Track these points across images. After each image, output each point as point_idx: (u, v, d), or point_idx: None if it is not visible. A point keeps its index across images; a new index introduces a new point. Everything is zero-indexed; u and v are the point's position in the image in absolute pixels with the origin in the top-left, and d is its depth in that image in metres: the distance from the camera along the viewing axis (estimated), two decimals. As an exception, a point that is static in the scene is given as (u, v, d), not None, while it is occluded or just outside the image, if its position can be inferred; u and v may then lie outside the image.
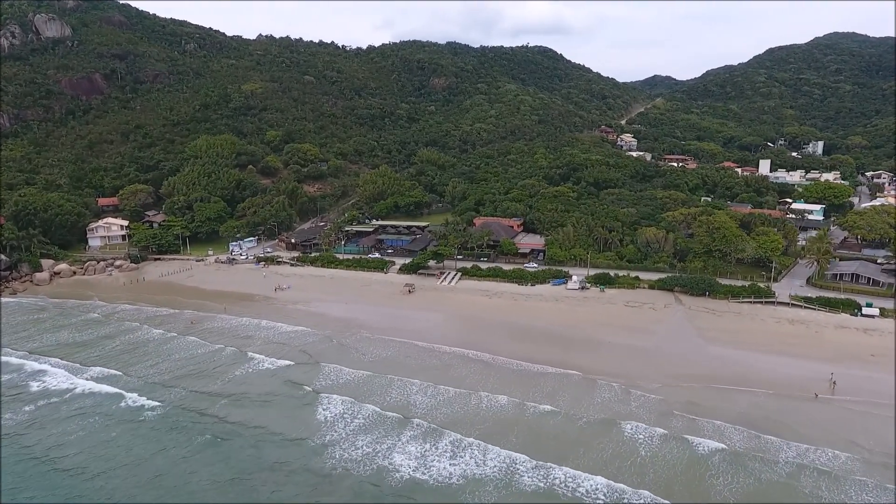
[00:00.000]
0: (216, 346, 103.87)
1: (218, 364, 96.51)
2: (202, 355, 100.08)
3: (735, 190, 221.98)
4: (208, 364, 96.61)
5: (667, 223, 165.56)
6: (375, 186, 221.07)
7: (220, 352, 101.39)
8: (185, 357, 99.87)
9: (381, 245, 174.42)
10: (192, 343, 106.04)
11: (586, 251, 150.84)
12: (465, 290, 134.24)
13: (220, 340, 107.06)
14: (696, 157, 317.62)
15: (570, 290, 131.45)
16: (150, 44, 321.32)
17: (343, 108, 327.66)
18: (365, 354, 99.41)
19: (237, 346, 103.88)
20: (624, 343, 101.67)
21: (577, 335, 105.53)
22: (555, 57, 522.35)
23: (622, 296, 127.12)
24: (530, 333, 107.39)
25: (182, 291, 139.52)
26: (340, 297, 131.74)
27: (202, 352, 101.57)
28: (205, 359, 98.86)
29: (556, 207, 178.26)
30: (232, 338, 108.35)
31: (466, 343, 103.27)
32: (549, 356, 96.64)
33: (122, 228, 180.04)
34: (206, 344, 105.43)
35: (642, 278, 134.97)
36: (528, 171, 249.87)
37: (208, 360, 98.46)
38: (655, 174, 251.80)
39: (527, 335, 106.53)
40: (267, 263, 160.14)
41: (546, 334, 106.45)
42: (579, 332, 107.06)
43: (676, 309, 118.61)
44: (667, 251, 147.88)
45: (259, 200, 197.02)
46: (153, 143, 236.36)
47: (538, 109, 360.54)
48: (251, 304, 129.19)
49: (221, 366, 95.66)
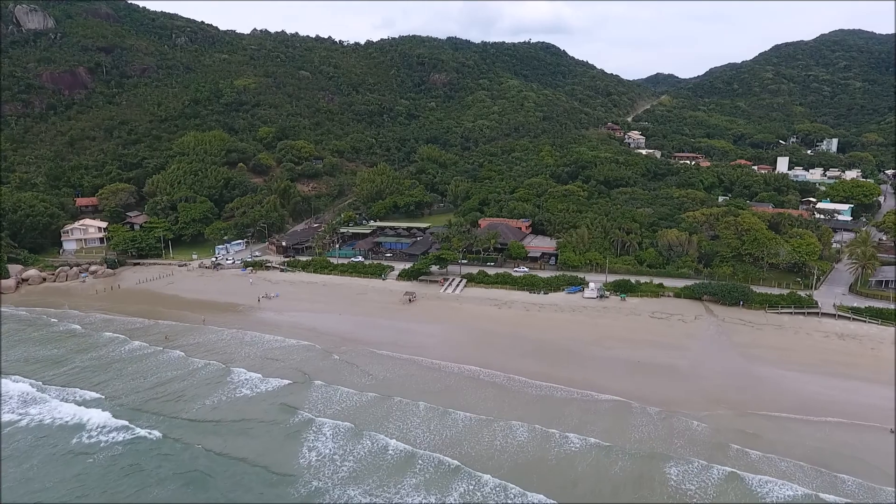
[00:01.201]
0: (192, 365, 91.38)
1: (189, 386, 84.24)
2: (177, 376, 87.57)
3: (754, 189, 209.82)
4: (180, 385, 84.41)
5: (687, 224, 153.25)
6: (373, 185, 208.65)
7: (195, 372, 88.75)
8: (158, 377, 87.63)
9: (378, 248, 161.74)
10: (167, 360, 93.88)
11: (602, 255, 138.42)
12: (471, 298, 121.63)
13: (197, 356, 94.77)
14: (708, 154, 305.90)
15: (587, 299, 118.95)
16: (138, 37, 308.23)
17: (340, 104, 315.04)
18: (359, 375, 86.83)
19: (215, 365, 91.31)
20: (655, 362, 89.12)
21: (600, 352, 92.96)
22: (558, 53, 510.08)
23: (646, 305, 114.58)
24: (547, 350, 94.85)
25: (160, 300, 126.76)
26: (333, 306, 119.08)
27: (176, 373, 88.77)
28: (179, 379, 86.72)
29: (568, 208, 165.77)
30: (209, 353, 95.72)
31: (476, 360, 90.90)
32: (572, 376, 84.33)
33: (99, 230, 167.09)
34: (181, 361, 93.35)
35: (666, 285, 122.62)
36: (534, 169, 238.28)
37: (181, 380, 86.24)
38: (667, 172, 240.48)
39: (543, 352, 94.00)
40: (254, 269, 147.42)
41: (565, 351, 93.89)
42: (603, 348, 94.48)
43: (709, 321, 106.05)
44: (691, 255, 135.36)
45: (249, 200, 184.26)
46: (138, 140, 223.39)
47: (542, 106, 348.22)
48: (234, 315, 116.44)
49: (193, 387, 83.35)
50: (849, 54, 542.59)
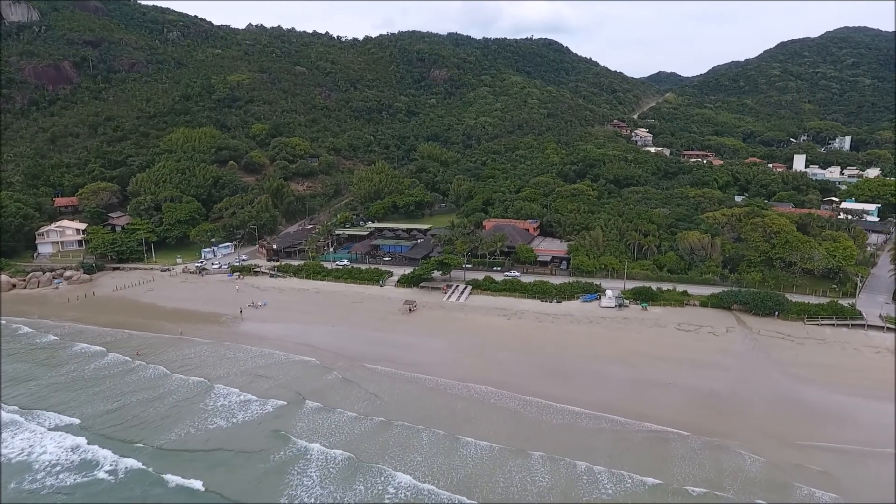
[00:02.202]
0: (166, 384, 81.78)
1: (162, 408, 74.69)
2: (149, 397, 77.70)
3: (771, 188, 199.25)
4: (151, 407, 74.81)
5: (707, 226, 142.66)
6: (371, 184, 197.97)
7: (168, 394, 78.38)
8: (126, 397, 78.18)
9: (376, 252, 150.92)
10: (139, 378, 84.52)
11: (619, 259, 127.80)
12: (477, 308, 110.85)
13: (173, 373, 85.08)
14: (718, 152, 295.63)
15: (605, 309, 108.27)
16: (127, 31, 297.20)
17: (337, 100, 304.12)
18: (356, 396, 76.44)
19: (193, 383, 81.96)
20: (689, 383, 78.47)
21: (625, 372, 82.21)
22: (560, 50, 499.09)
23: (670, 316, 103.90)
24: (565, 368, 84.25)
25: (136, 310, 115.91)
26: (326, 317, 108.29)
27: (147, 394, 78.60)
28: (150, 400, 77.21)
29: (579, 208, 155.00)
30: (186, 370, 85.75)
31: (486, 380, 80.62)
32: (596, 399, 74.12)
33: (78, 233, 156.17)
34: (155, 379, 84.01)
35: (691, 293, 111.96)
36: (539, 167, 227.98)
37: (153, 401, 76.71)
38: (678, 170, 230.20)
39: (561, 370, 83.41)
40: (242, 274, 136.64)
41: (585, 370, 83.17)
42: (628, 367, 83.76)
43: (742, 334, 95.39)
44: (715, 259, 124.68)
45: (239, 200, 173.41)
46: (125, 137, 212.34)
47: (546, 103, 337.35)
48: (216, 326, 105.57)
49: (166, 410, 73.52)
50: (856, 51, 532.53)
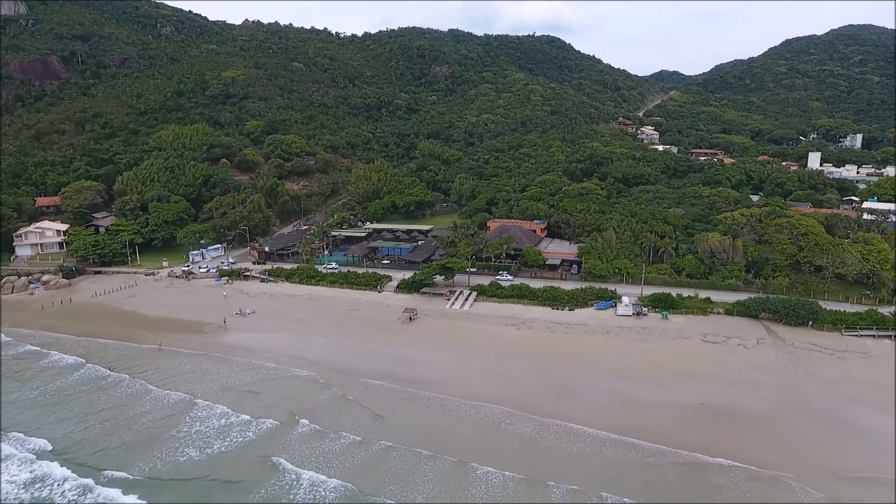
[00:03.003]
0: (140, 404, 73.55)
1: (134, 428, 66.92)
2: (120, 416, 69.61)
3: (787, 186, 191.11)
4: (121, 429, 66.88)
5: (725, 227, 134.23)
6: (370, 183, 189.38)
7: (139, 417, 69.93)
8: (95, 417, 70.11)
9: (374, 254, 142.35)
10: (113, 395, 76.35)
11: (634, 263, 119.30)
12: (483, 316, 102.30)
13: (148, 390, 76.93)
14: (727, 150, 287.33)
15: (621, 317, 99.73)
16: (119, 25, 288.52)
17: (335, 97, 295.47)
18: (353, 415, 68.19)
19: (170, 401, 74.04)
20: (724, 404, 69.95)
21: (651, 391, 73.62)
22: (563, 47, 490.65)
23: (694, 325, 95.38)
24: (583, 385, 75.82)
25: (115, 317, 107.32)
26: (319, 326, 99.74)
27: (118, 412, 70.17)
28: (121, 419, 69.44)
29: (589, 208, 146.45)
30: (163, 385, 77.32)
31: (497, 398, 72.61)
32: (620, 422, 65.68)
33: (58, 234, 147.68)
34: (129, 395, 76.02)
35: (713, 300, 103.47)
36: (544, 165, 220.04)
37: (123, 421, 68.89)
38: (688, 169, 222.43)
39: (579, 388, 75.00)
40: (231, 279, 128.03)
41: (606, 389, 74.58)
42: (653, 384, 75.20)
43: (775, 347, 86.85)
44: (737, 263, 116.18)
45: (230, 199, 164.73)
46: (113, 134, 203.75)
47: (550, 100, 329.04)
48: (199, 336, 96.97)
49: (138, 431, 64.86)
50: (863, 49, 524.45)
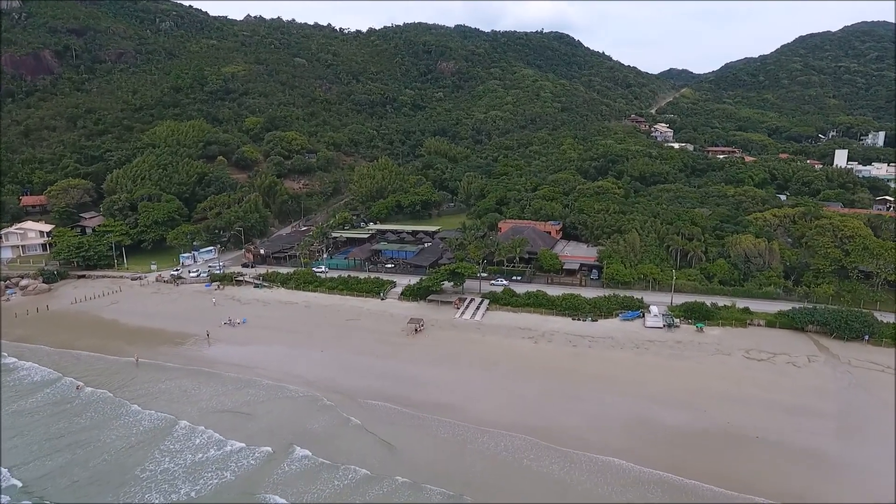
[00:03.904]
0: (111, 430, 63.65)
1: (105, 458, 57.12)
2: (89, 443, 59.62)
3: (815, 185, 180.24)
4: (90, 458, 56.84)
5: (757, 228, 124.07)
6: (373, 182, 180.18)
7: (107, 446, 60.37)
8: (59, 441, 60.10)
9: (377, 258, 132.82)
10: (82, 419, 66.45)
11: (660, 268, 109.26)
12: (497, 328, 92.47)
13: (120, 411, 67.74)
14: (744, 148, 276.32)
15: (651, 329, 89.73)
16: (116, 20, 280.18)
17: (338, 93, 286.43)
18: (353, 444, 58.21)
19: (146, 425, 64.53)
20: (782, 437, 59.79)
21: (692, 419, 63.52)
22: (572, 43, 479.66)
23: (733, 339, 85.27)
24: (615, 411, 65.75)
25: (94, 327, 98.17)
26: (315, 338, 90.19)
27: (86, 437, 60.60)
28: (90, 446, 59.46)
29: (608, 208, 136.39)
30: (140, 406, 67.48)
31: (517, 424, 63.55)
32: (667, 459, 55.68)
33: (42, 235, 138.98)
34: (99, 417, 66.25)
35: (752, 310, 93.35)
36: (556, 163, 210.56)
37: (92, 449, 58.82)
38: (708, 167, 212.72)
39: (611, 415, 64.99)
40: (222, 284, 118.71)
41: (643, 417, 64.38)
42: (695, 411, 65.14)
43: (831, 366, 76.63)
44: (775, 269, 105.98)
45: (225, 199, 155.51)
46: (106, 131, 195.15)
47: (560, 96, 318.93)
48: (180, 349, 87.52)
49: (108, 462, 55.34)
50: (880, 45, 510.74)
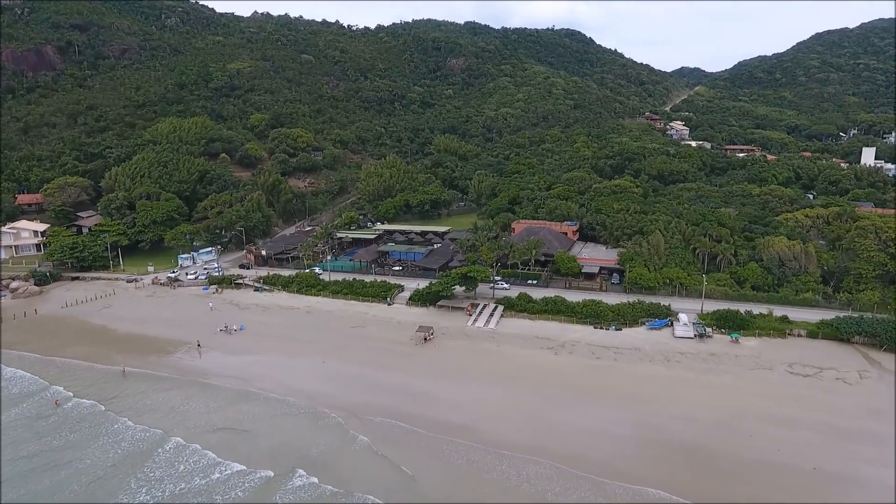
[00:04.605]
0: (89, 453, 56.89)
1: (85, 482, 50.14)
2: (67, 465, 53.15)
3: (843, 184, 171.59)
4: (71, 481, 50.14)
5: (787, 229, 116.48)
6: (381, 180, 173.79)
7: (85, 471, 54.06)
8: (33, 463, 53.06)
9: (384, 259, 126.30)
10: (59, 438, 59.80)
11: (686, 272, 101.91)
12: (512, 337, 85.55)
13: (101, 431, 61.17)
14: (764, 147, 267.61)
15: (680, 339, 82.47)
16: (120, 15, 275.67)
17: (345, 90, 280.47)
18: (361, 469, 51.49)
19: (128, 447, 56.98)
20: (841, 469, 52.50)
21: (737, 446, 56.22)
22: (584, 40, 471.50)
23: (772, 351, 77.89)
24: (651, 435, 58.59)
25: (82, 333, 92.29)
26: (316, 347, 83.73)
27: (61, 465, 54.33)
28: (69, 468, 52.55)
29: (628, 207, 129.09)
30: (122, 421, 61.32)
31: (541, 448, 56.23)
32: (709, 491, 48.55)
33: (36, 235, 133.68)
34: (77, 437, 59.38)
35: (790, 318, 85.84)
36: (570, 161, 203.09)
37: (72, 472, 51.99)
38: (728, 166, 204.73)
39: (647, 439, 57.87)
40: (221, 287, 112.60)
41: (684, 442, 57.28)
42: (741, 435, 57.82)
43: (885, 382, 69.00)
44: (812, 273, 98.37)
45: (227, 197, 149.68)
46: (107, 128, 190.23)
47: (573, 93, 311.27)
48: (171, 358, 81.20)
49: (88, 488, 48.87)
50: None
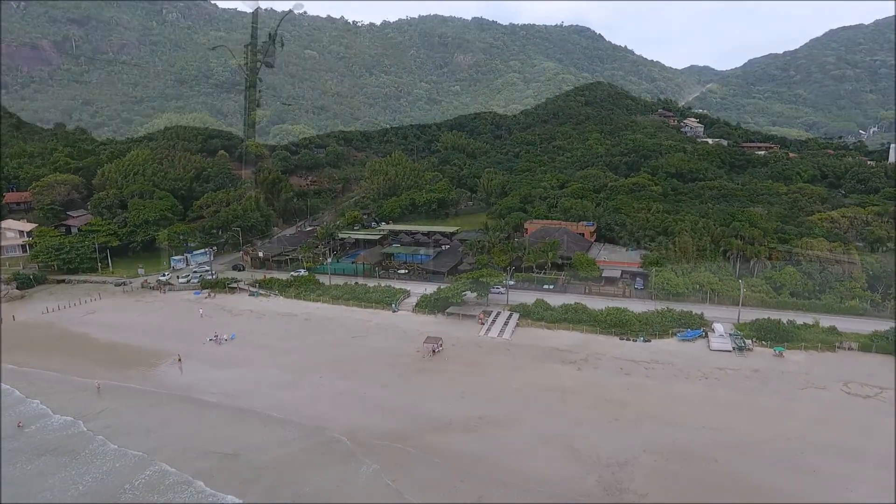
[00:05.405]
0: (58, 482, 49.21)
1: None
2: None
3: (872, 183, 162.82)
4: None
5: (822, 230, 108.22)
6: (386, 178, 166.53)
7: None
8: None
9: (389, 262, 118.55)
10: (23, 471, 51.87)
11: (717, 276, 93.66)
12: (529, 348, 77.51)
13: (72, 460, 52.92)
14: (783, 144, 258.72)
15: (717, 353, 74.27)
16: (120, 10, 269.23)
17: (350, 86, 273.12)
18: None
19: (101, 477, 49.17)
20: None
21: (803, 485, 48.08)
22: (593, 37, 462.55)
23: (822, 366, 69.57)
24: (694, 469, 50.45)
25: (60, 342, 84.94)
26: (313, 359, 75.97)
27: None
28: None
29: (650, 206, 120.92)
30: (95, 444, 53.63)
31: (570, 488, 48.03)
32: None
33: (21, 235, 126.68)
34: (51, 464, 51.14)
35: (839, 329, 77.49)
36: (582, 159, 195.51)
37: None
38: (747, 163, 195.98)
39: (690, 475, 49.67)
40: (214, 291, 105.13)
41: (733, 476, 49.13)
42: (802, 473, 49.60)
43: (958, 404, 60.74)
44: (857, 278, 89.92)
45: (224, 196, 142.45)
46: (102, 124, 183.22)
47: (584, 90, 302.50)
48: (152, 372, 73.68)
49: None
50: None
